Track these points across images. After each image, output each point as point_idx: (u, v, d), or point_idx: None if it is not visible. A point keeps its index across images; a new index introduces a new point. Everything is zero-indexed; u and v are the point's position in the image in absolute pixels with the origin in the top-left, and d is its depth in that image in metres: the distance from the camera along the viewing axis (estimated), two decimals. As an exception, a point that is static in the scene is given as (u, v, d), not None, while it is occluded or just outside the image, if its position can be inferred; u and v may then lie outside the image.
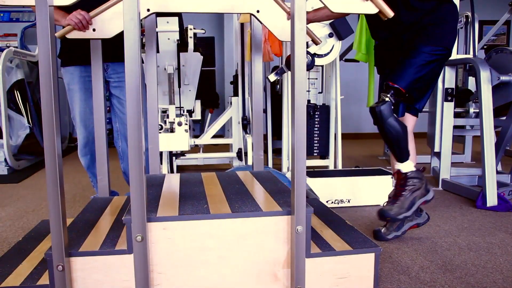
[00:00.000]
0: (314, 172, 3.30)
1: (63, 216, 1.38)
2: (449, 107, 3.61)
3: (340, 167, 3.75)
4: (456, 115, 3.83)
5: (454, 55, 3.57)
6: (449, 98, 3.61)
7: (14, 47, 4.91)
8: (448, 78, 3.61)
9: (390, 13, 1.55)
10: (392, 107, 1.96)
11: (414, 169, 2.05)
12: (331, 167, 3.83)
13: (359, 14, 3.98)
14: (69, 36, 2.05)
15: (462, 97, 4.16)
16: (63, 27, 2.08)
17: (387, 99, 1.94)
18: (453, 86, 3.63)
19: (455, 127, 3.74)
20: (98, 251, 1.45)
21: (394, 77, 1.96)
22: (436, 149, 3.74)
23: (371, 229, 2.55)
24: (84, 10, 2.04)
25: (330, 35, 3.38)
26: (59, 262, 1.39)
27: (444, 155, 3.65)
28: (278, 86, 4.07)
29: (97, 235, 1.59)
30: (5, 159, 4.49)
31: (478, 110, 3.71)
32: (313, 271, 1.55)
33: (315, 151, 3.87)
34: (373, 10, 1.55)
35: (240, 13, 3.71)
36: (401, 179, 2.03)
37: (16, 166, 4.61)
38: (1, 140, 4.46)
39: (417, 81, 1.98)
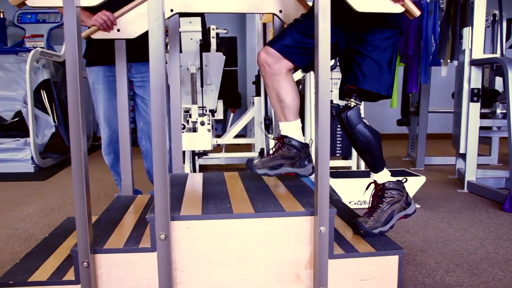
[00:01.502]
0: (336, 173, 3.28)
1: (89, 214, 1.40)
2: (475, 107, 3.55)
3: (363, 168, 3.71)
4: (482, 116, 3.76)
5: (480, 54, 3.50)
6: (475, 99, 3.54)
7: (40, 47, 5.01)
8: (474, 78, 3.54)
9: (417, 12, 1.53)
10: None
11: (392, 179, 1.85)
12: (354, 168, 3.79)
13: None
14: (94, 36, 2.08)
15: (489, 98, 4.08)
16: (89, 27, 2.11)
17: (353, 104, 1.76)
18: (480, 86, 3.56)
19: (481, 128, 3.67)
20: (122, 248, 1.47)
21: (354, 79, 1.74)
22: (462, 151, 3.67)
23: (395, 231, 2.52)
24: (109, 11, 2.07)
25: (354, 35, 3.35)
26: (84, 258, 1.41)
27: (469, 157, 3.59)
28: (300, 86, 4.05)
29: (121, 233, 1.61)
30: (32, 157, 4.58)
31: (505, 111, 3.64)
32: (336, 273, 1.54)
33: (337, 151, 3.84)
34: (399, 9, 1.53)
35: (263, 13, 3.71)
36: (378, 190, 1.84)
37: (42, 164, 4.70)
38: (28, 138, 4.55)
39: (381, 73, 1.75)
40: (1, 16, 5.86)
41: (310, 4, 2.08)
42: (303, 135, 3.67)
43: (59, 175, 4.42)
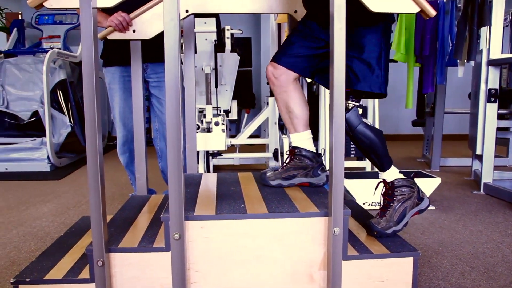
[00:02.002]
0: (351, 174, 3.26)
1: (104, 213, 1.42)
2: (492, 108, 3.50)
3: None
4: (500, 116, 3.70)
5: (498, 55, 3.46)
6: (493, 99, 3.49)
7: (57, 48, 5.07)
8: (491, 78, 3.49)
9: (433, 12, 1.51)
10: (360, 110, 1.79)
11: (400, 176, 1.82)
12: (368, 169, 3.77)
13: (398, 13, 3.92)
14: (110, 37, 2.10)
15: (506, 98, 4.02)
16: (105, 28, 2.13)
17: (351, 105, 1.74)
18: (497, 87, 3.51)
19: (498, 129, 3.61)
20: (137, 248, 1.48)
21: (347, 81, 1.67)
22: (478, 152, 3.63)
23: (409, 232, 2.50)
24: (125, 12, 2.09)
25: (369, 35, 3.33)
26: (99, 257, 1.42)
27: (486, 158, 3.54)
28: (314, 87, 4.04)
29: (135, 232, 1.62)
30: (48, 157, 4.63)
31: (523, 112, 3.58)
32: (350, 274, 1.53)
33: (352, 152, 3.82)
34: (414, 9, 1.51)
35: (278, 14, 3.71)
36: (388, 189, 1.78)
37: (58, 164, 4.76)
38: (44, 138, 4.61)
39: (371, 72, 1.73)
40: (20, 18, 5.95)
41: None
42: (318, 136, 3.66)
43: (75, 175, 4.47)
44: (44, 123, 4.62)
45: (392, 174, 1.80)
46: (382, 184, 1.83)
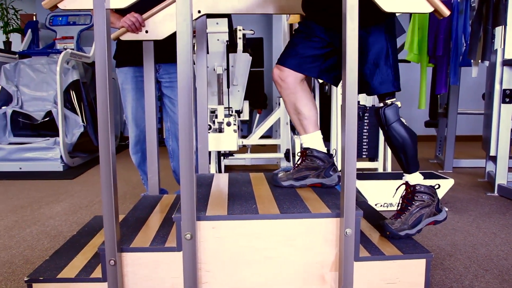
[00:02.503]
0: (362, 175, 3.24)
1: (116, 213, 1.42)
2: (507, 109, 3.46)
3: (389, 170, 3.67)
4: (514, 117, 3.66)
5: (513, 55, 3.42)
6: (507, 100, 3.45)
7: (70, 49, 5.12)
8: (506, 78, 3.45)
9: (446, 12, 1.50)
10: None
11: (424, 182, 1.81)
12: (380, 170, 3.75)
13: (411, 13, 3.90)
14: (122, 38, 2.11)
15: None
16: (118, 29, 2.15)
17: (389, 102, 1.74)
18: (512, 87, 3.47)
19: (513, 130, 3.57)
20: (149, 247, 1.48)
21: (365, 88, 1.74)
22: (492, 153, 3.58)
23: (422, 234, 2.48)
24: (138, 13, 2.10)
25: (381, 35, 3.31)
26: (111, 256, 1.43)
27: (500, 159, 3.50)
28: (326, 87, 4.03)
29: (147, 232, 1.62)
30: (61, 156, 4.68)
31: (538, 113, 3.53)
32: (362, 275, 1.52)
33: (364, 153, 3.80)
34: (428, 8, 1.50)
35: (290, 14, 3.70)
36: (408, 193, 1.78)
37: (70, 163, 4.80)
38: (58, 138, 4.65)
39: (380, 72, 1.73)
40: (34, 19, 6.01)
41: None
42: (330, 137, 3.64)
43: (87, 174, 4.50)
44: (57, 123, 4.67)
45: (416, 178, 1.80)
46: (404, 187, 1.82)
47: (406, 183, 1.80)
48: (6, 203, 3.31)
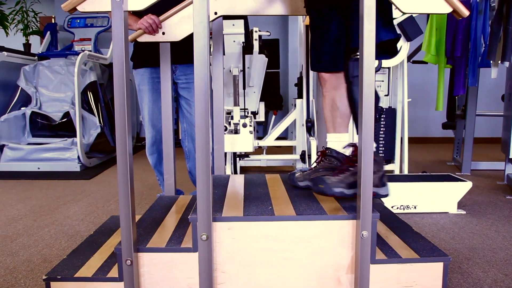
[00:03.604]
0: (378, 177, 3.22)
1: (133, 213, 1.43)
2: (527, 111, 3.41)
3: (406, 172, 3.64)
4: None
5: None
6: (527, 102, 3.40)
7: (88, 51, 5.18)
8: (525, 80, 3.40)
9: (465, 12, 1.48)
10: None
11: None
12: (397, 172, 3.72)
13: (428, 14, 3.86)
14: (140, 39, 2.12)
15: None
16: (136, 31, 2.16)
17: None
18: (532, 89, 3.42)
19: (533, 132, 3.52)
20: (165, 248, 1.49)
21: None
22: None
23: (439, 237, 2.45)
24: (155, 15, 2.12)
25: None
26: (127, 256, 1.44)
27: (520, 162, 3.44)
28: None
29: (163, 232, 1.63)
30: (78, 157, 4.73)
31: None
32: (378, 278, 1.51)
33: (380, 155, 3.77)
34: (446, 9, 1.48)
35: (306, 15, 3.69)
36: (355, 155, 1.71)
37: (87, 164, 4.85)
38: (75, 138, 4.71)
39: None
40: (53, 22, 6.10)
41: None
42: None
43: (103, 175, 4.54)
44: (74, 124, 4.72)
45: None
46: (351, 148, 1.77)
47: (355, 144, 1.73)
48: (25, 202, 3.35)
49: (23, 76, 5.05)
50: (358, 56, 1.66)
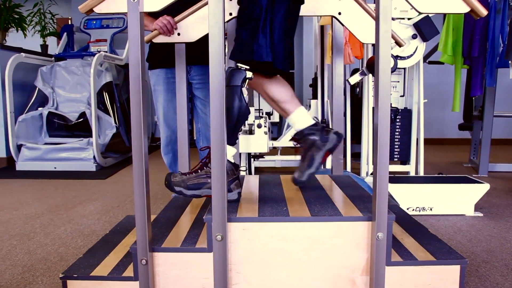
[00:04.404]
0: (394, 178, 3.20)
1: (148, 213, 1.44)
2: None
3: (421, 173, 3.61)
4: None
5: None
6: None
7: (104, 51, 5.22)
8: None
9: (484, 12, 1.46)
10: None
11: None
12: (412, 173, 3.69)
13: (445, 14, 3.82)
14: (155, 40, 2.14)
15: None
16: (151, 32, 2.18)
17: (240, 66, 1.68)
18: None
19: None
20: (180, 248, 1.50)
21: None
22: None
23: (456, 239, 2.42)
24: (170, 16, 2.12)
25: (414, 37, 3.26)
26: (143, 256, 1.45)
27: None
28: (357, 89, 3.99)
29: (178, 232, 1.64)
30: (94, 157, 4.78)
31: None
32: (393, 280, 1.50)
33: (395, 156, 3.75)
34: (464, 9, 1.47)
35: (321, 16, 3.68)
36: (208, 158, 1.71)
37: (103, 163, 4.89)
38: (91, 138, 4.75)
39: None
40: (69, 23, 6.17)
41: (370, 5, 2.05)
42: (361, 138, 3.60)
43: (119, 174, 4.58)
44: (90, 124, 4.77)
45: (228, 152, 1.73)
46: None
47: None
48: (42, 201, 3.40)
49: (40, 76, 5.12)
50: (241, 67, 1.66)
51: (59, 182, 4.18)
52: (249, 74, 1.68)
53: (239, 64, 1.69)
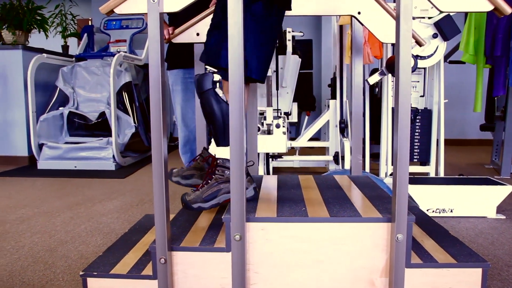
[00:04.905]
0: (413, 179, 3.16)
1: (167, 212, 1.45)
2: None
3: (442, 174, 3.56)
4: None
5: None
6: None
7: (123, 52, 5.27)
8: None
9: (508, 9, 1.44)
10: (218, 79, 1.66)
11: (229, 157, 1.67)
12: (432, 174, 3.64)
13: (466, 12, 3.76)
14: (174, 40, 2.15)
15: None
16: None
17: (208, 70, 1.67)
18: None
19: None
20: (198, 247, 1.50)
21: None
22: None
23: (477, 242, 2.39)
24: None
25: (435, 36, 3.22)
26: (162, 255, 1.45)
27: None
28: (377, 89, 3.96)
29: (196, 231, 1.64)
30: (113, 156, 4.82)
31: None
32: (413, 282, 1.48)
33: (415, 157, 3.71)
34: (487, 7, 1.44)
35: (340, 15, 3.66)
36: (213, 166, 1.70)
37: (122, 163, 4.94)
38: (110, 138, 4.80)
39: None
40: (90, 24, 6.25)
41: (390, 4, 2.03)
42: (380, 138, 3.56)
43: (138, 173, 4.62)
44: (110, 124, 4.82)
45: (223, 153, 1.69)
46: (211, 159, 1.76)
47: (213, 156, 1.72)
48: (63, 199, 3.45)
49: (61, 77, 5.20)
50: (209, 71, 1.64)
51: (79, 180, 4.24)
52: (216, 77, 1.67)
53: (207, 67, 1.69)
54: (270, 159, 3.97)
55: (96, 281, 1.53)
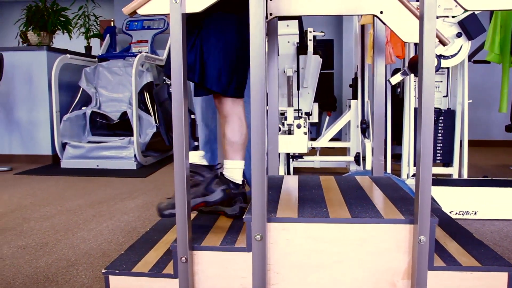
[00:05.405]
0: (436, 180, 3.12)
1: (189, 211, 1.46)
2: None
3: (465, 176, 3.50)
4: None
5: None
6: None
7: (145, 52, 5.33)
8: None
9: (535, 9, 1.41)
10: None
11: (201, 162, 1.68)
12: (455, 176, 3.58)
13: (492, 11, 3.70)
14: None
15: None
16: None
17: (166, 82, 1.65)
18: None
19: None
20: (219, 247, 1.51)
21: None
22: None
23: (502, 245, 2.34)
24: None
25: (459, 35, 3.17)
26: (183, 254, 1.46)
27: None
28: (398, 89, 3.92)
29: (217, 231, 1.65)
30: (135, 155, 4.88)
31: None
32: (435, 285, 1.46)
33: (437, 158, 3.65)
34: (513, 6, 1.41)
35: (362, 15, 3.63)
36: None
37: (143, 162, 4.99)
38: (132, 137, 4.85)
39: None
40: (112, 25, 6.33)
41: (413, 3, 2.00)
42: (402, 139, 3.53)
43: (158, 173, 4.66)
44: (131, 123, 4.87)
45: (190, 157, 1.66)
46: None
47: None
48: (85, 198, 3.50)
49: (84, 77, 5.28)
50: (166, 82, 1.63)
51: (101, 179, 4.29)
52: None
53: (165, 78, 1.69)
54: (291, 160, 3.96)
55: (118, 279, 1.54)
